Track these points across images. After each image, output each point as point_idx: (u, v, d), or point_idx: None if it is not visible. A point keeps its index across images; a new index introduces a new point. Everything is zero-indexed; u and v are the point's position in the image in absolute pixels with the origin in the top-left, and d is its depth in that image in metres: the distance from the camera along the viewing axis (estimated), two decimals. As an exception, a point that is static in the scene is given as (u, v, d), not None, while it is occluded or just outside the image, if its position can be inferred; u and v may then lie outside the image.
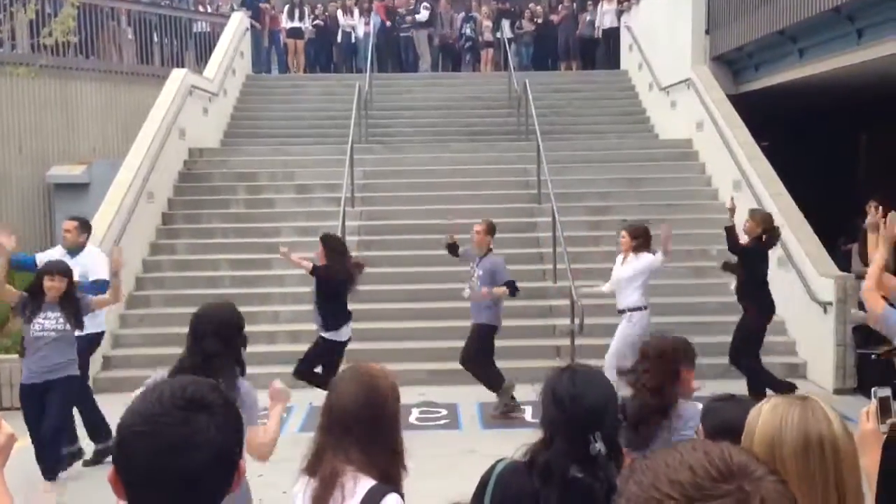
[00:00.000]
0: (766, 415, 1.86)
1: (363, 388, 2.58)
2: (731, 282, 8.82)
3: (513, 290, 7.88)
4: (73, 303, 6.26)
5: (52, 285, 6.13)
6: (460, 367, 8.23)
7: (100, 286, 7.01)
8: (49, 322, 6.17)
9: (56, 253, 7.39)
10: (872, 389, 2.52)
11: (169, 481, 1.45)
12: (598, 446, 2.41)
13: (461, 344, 8.83)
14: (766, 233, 8.29)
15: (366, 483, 2.47)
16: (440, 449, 7.14)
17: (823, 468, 1.77)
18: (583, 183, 12.73)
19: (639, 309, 7.81)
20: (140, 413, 1.49)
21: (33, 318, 6.14)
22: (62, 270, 6.27)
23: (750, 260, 8.21)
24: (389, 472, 2.53)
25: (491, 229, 8.14)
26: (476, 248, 8.14)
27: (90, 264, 7.32)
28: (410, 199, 12.51)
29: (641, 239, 7.87)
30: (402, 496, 2.52)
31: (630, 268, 7.84)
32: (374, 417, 2.55)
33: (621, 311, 7.92)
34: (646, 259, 7.79)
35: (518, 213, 12.11)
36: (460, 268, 11.31)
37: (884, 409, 2.43)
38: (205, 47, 17.97)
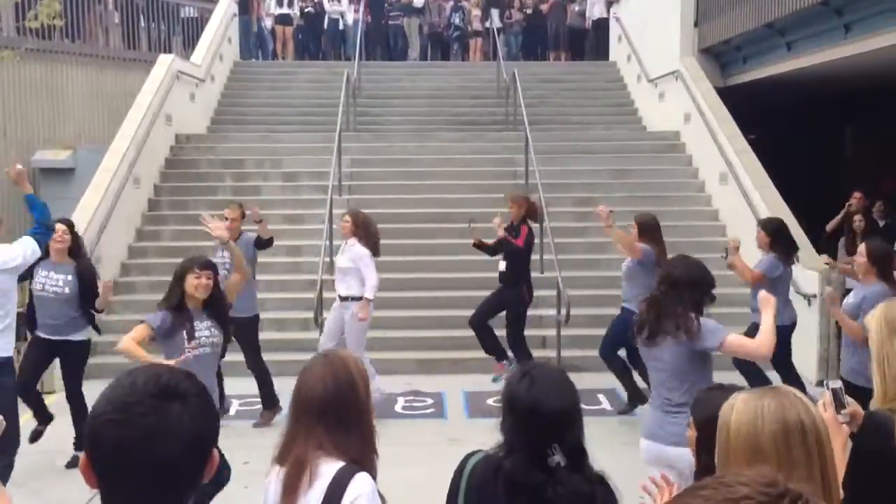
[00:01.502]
0: (739, 406, 1.88)
1: (332, 374, 2.59)
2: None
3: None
4: (222, 306, 5.06)
5: (201, 283, 4.85)
6: (447, 356, 8.27)
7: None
8: (203, 333, 4.90)
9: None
10: (825, 382, 2.68)
11: (140, 470, 1.43)
12: (557, 458, 2.31)
13: (449, 333, 8.87)
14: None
15: (334, 465, 2.50)
16: (425, 437, 7.18)
17: (806, 453, 1.79)
18: (570, 174, 12.75)
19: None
20: (112, 401, 1.47)
21: (192, 334, 4.82)
22: (208, 265, 4.97)
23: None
24: (360, 457, 2.55)
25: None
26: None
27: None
28: (398, 188, 12.51)
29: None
30: (372, 475, 2.54)
31: None
32: (343, 403, 2.56)
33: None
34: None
35: (505, 203, 12.10)
36: (447, 257, 11.34)
37: (837, 400, 2.58)
38: (192, 33, 17.89)
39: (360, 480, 2.49)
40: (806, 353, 9.33)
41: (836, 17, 10.66)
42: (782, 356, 7.26)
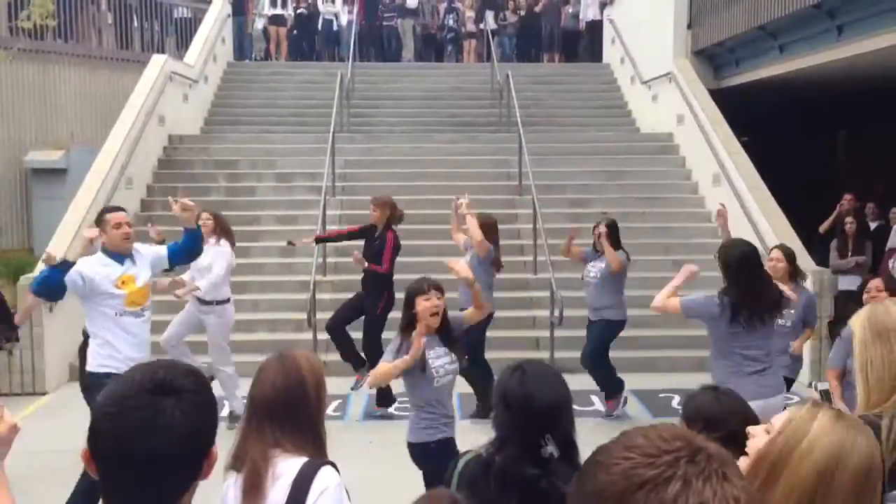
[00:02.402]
0: (829, 430, 1.73)
1: (281, 372, 2.59)
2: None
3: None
4: (451, 329, 4.67)
5: (432, 304, 4.53)
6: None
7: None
8: (443, 361, 4.55)
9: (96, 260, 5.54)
10: (812, 383, 2.62)
11: (134, 463, 1.48)
12: (550, 449, 2.33)
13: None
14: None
15: (296, 461, 2.47)
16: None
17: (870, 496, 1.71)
18: (564, 175, 12.76)
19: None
20: (112, 394, 1.53)
21: (426, 363, 4.47)
22: (437, 286, 4.65)
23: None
24: (315, 452, 2.53)
25: None
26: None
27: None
28: (391, 189, 12.40)
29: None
30: (336, 468, 2.52)
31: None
32: (293, 401, 2.55)
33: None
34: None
35: (499, 205, 12.09)
36: (440, 258, 11.28)
37: (825, 402, 2.50)
38: (186, 33, 17.84)
39: (326, 473, 2.46)
40: (798, 355, 9.36)
41: (828, 19, 10.69)
42: (601, 351, 7.77)
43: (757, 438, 1.82)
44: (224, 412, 7.11)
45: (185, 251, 5.77)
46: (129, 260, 5.49)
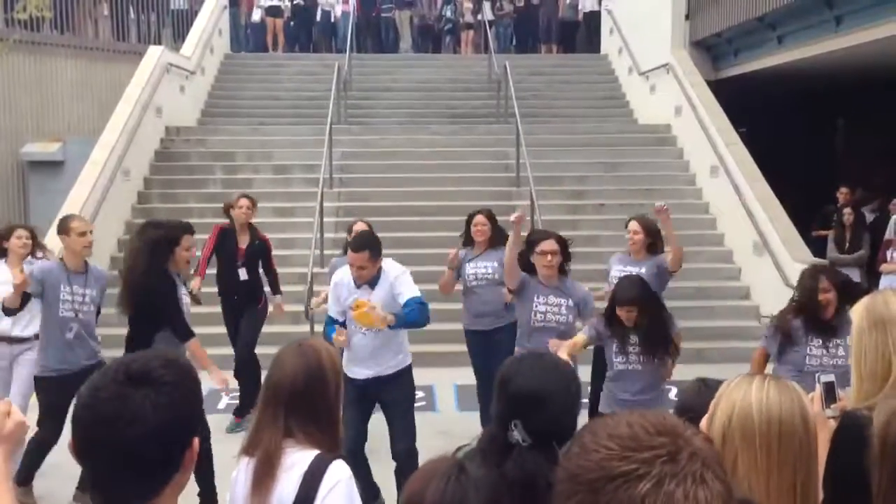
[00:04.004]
0: (734, 386, 1.86)
1: (302, 361, 2.56)
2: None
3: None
4: None
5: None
6: (437, 350, 8.20)
7: None
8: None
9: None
10: (816, 375, 2.60)
11: (106, 453, 1.50)
12: (516, 436, 2.23)
13: (440, 326, 8.76)
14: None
15: (308, 453, 2.46)
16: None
17: (798, 444, 1.77)
18: (561, 167, 12.74)
19: None
20: (89, 385, 1.55)
21: None
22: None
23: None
24: (325, 445, 2.51)
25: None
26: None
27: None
28: (389, 181, 12.47)
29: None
30: (347, 462, 2.51)
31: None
32: (312, 390, 2.53)
33: None
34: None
35: (496, 196, 12.08)
36: (438, 250, 11.30)
37: (828, 395, 2.52)
38: (182, 24, 17.78)
39: (337, 467, 2.45)
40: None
41: (827, 9, 10.66)
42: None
43: None
44: None
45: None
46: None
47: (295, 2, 18.52)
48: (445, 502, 1.77)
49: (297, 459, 2.45)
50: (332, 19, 18.72)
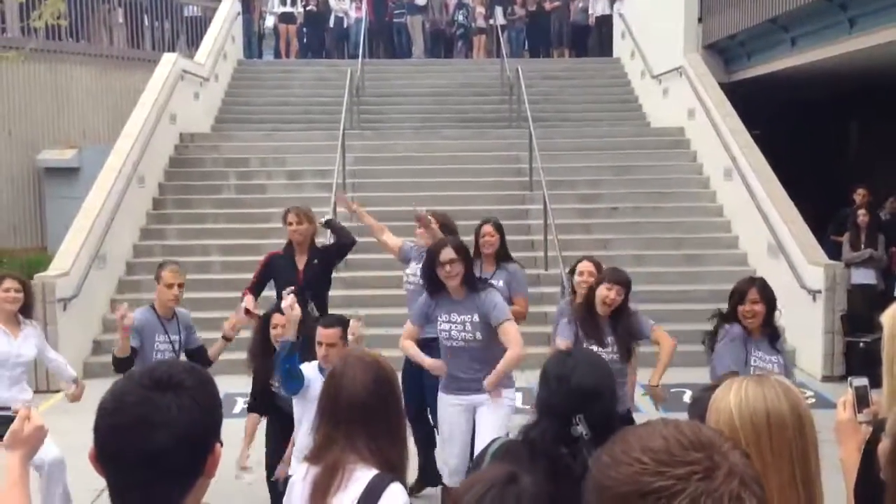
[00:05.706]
0: (726, 389, 1.85)
1: (371, 375, 2.53)
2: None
3: None
4: None
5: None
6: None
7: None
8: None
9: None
10: (849, 379, 2.54)
11: (130, 459, 1.48)
12: (580, 429, 2.40)
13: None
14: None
15: (368, 472, 2.44)
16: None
17: (791, 435, 1.75)
18: (574, 170, 12.73)
19: None
20: (111, 392, 1.54)
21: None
22: None
23: None
24: (394, 461, 2.50)
25: None
26: None
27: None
28: (401, 186, 12.49)
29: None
30: (404, 484, 2.49)
31: None
32: (382, 405, 2.51)
33: None
34: None
35: (509, 201, 12.11)
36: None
37: (860, 399, 2.47)
38: (196, 32, 17.89)
39: (394, 491, 2.42)
40: (811, 349, 9.32)
41: (840, 11, 10.62)
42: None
43: None
44: None
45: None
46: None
47: (308, 8, 18.59)
48: None
49: (358, 476, 2.43)
50: (345, 25, 18.77)
